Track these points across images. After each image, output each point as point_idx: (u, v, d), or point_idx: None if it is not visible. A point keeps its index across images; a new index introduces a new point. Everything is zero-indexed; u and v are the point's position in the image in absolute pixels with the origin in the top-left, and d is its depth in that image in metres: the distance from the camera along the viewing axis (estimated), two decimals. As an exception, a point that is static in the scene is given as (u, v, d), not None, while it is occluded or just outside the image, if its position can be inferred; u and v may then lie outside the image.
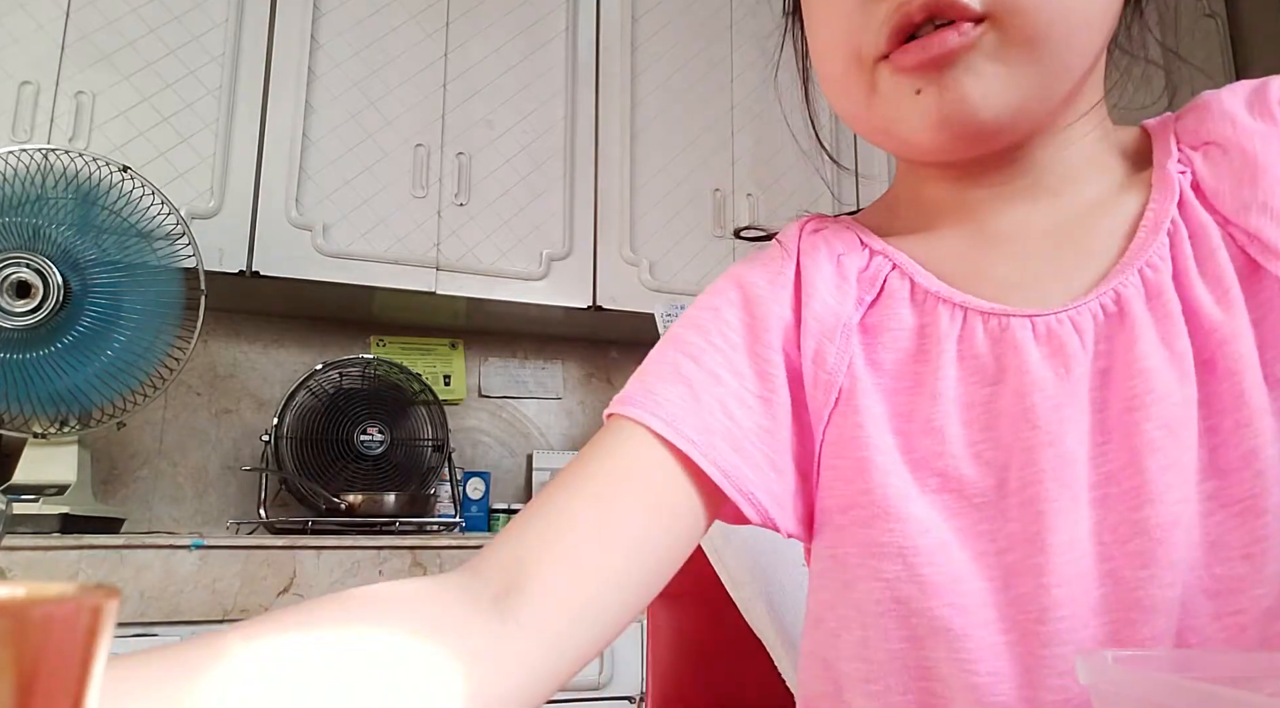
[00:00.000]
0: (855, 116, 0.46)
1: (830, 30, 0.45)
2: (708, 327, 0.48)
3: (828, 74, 0.46)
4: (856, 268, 0.48)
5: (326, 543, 1.41)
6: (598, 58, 2.02)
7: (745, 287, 0.48)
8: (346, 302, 1.91)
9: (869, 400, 0.44)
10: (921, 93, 0.41)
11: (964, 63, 0.40)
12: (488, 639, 0.37)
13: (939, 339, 0.44)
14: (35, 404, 1.45)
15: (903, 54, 0.41)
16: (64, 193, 1.48)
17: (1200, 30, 2.66)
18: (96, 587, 0.17)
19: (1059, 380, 0.41)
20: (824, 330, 0.46)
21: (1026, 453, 0.41)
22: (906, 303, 0.46)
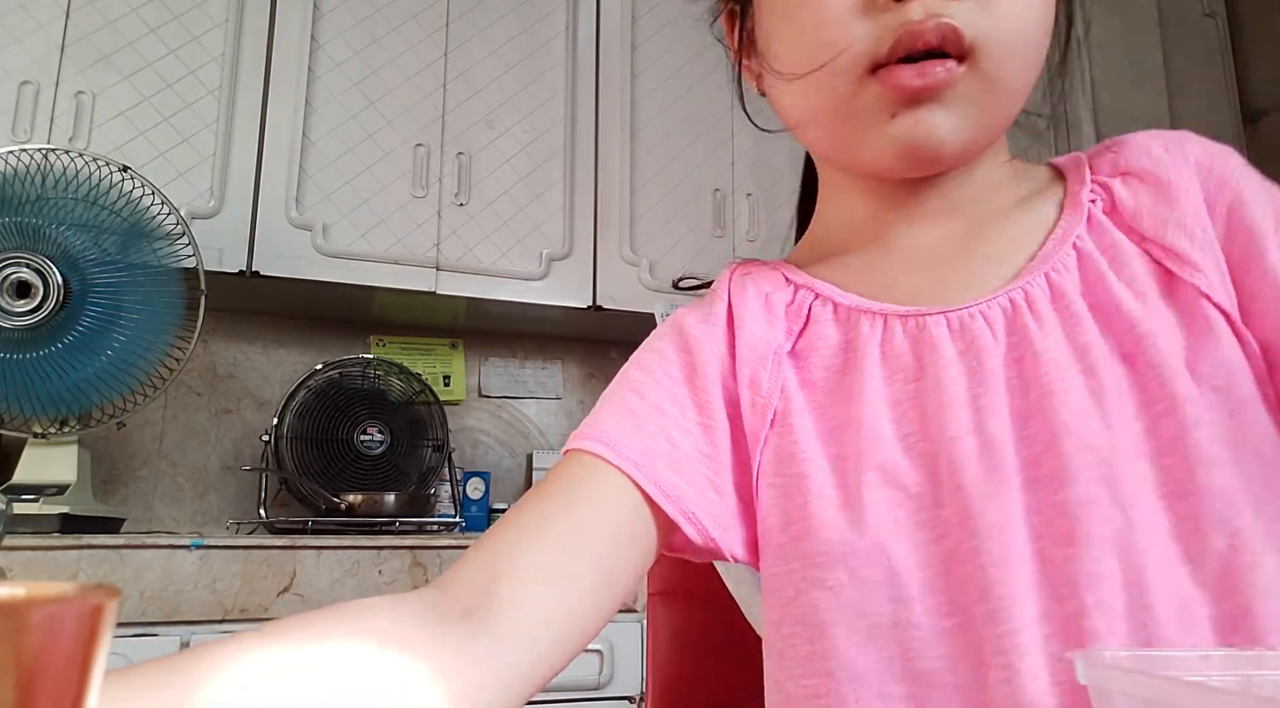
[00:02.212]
0: (828, 118, 0.48)
1: (819, 33, 0.46)
2: (651, 366, 0.51)
3: (801, 67, 0.47)
4: (783, 302, 0.51)
5: (326, 543, 1.41)
6: (598, 58, 2.02)
7: (683, 328, 0.52)
8: (346, 302, 1.91)
9: (802, 419, 0.47)
10: (896, 118, 0.45)
11: (943, 99, 0.44)
12: (459, 650, 0.39)
13: (862, 347, 0.48)
14: (35, 404, 1.45)
15: (898, 73, 0.44)
16: (64, 193, 1.48)
17: (1200, 30, 2.66)
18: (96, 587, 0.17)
19: (975, 372, 0.45)
20: (757, 359, 0.49)
21: (952, 442, 0.43)
22: (831, 323, 0.49)
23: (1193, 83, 2.60)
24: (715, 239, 2.04)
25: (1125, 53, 2.52)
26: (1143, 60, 2.54)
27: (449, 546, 1.48)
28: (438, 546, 1.47)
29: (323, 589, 1.38)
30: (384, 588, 1.42)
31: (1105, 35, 2.50)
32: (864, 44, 0.44)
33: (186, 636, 1.29)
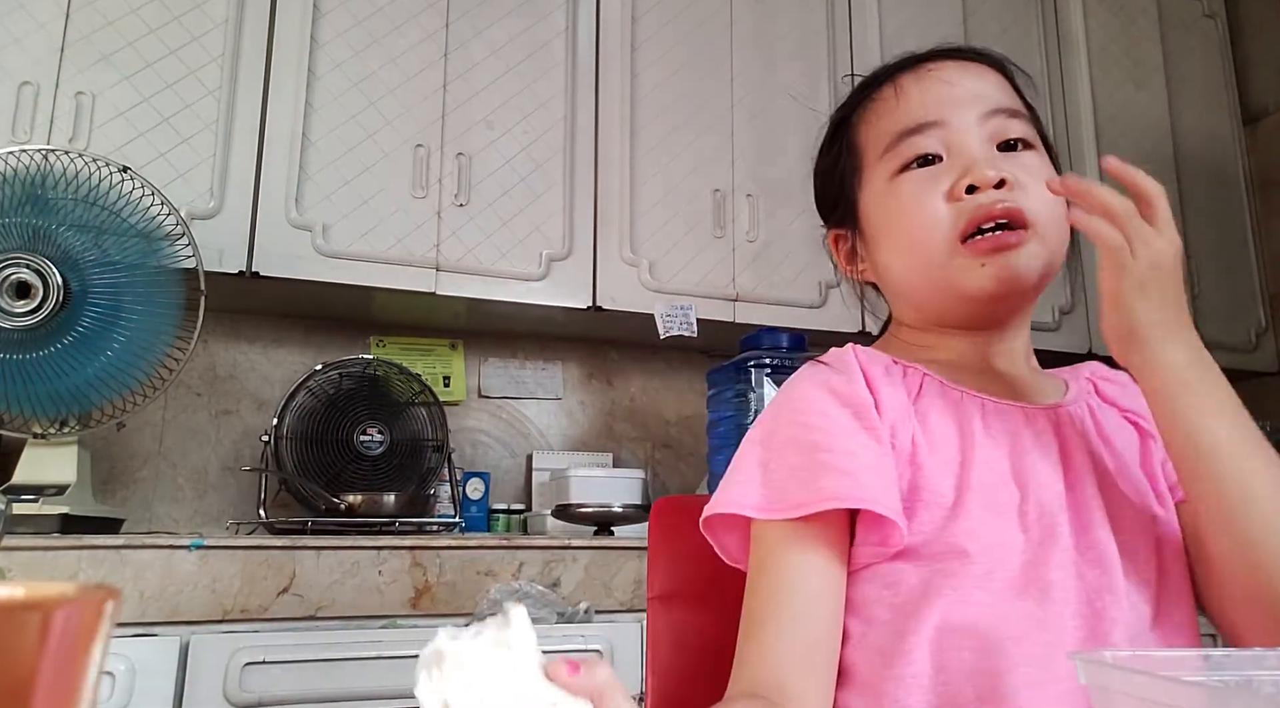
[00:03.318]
0: (927, 274, 0.70)
1: (924, 219, 0.69)
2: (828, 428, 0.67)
3: (918, 247, 0.70)
4: (899, 375, 0.71)
5: (326, 543, 1.41)
6: (598, 58, 2.02)
7: (831, 391, 0.69)
8: (346, 302, 1.91)
9: (929, 460, 0.66)
10: (986, 266, 0.67)
11: (1017, 251, 0.66)
12: None
13: (968, 415, 0.69)
14: (35, 404, 1.45)
15: (977, 242, 0.67)
16: (64, 193, 1.48)
17: (1200, 30, 2.66)
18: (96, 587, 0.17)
19: (1039, 446, 0.68)
20: (898, 414, 0.68)
21: (1036, 490, 0.65)
22: (939, 396, 0.70)
23: (1193, 83, 2.60)
24: (715, 239, 2.04)
25: (1125, 53, 2.52)
26: (1143, 60, 2.54)
27: (449, 546, 1.48)
28: (438, 546, 1.47)
29: (322, 589, 1.38)
30: (384, 588, 1.42)
31: (1105, 35, 2.50)
32: (951, 220, 0.68)
33: (186, 636, 1.29)
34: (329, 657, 1.31)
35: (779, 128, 2.13)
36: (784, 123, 2.14)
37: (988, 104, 0.70)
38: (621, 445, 2.25)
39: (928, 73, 0.73)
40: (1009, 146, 0.70)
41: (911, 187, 0.70)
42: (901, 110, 0.72)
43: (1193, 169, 2.52)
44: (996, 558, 0.62)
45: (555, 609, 1.45)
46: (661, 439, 2.29)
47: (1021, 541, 0.63)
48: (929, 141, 0.70)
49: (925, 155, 0.70)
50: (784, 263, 2.07)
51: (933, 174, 0.69)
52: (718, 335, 2.06)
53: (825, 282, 2.08)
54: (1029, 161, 0.69)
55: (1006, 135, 0.70)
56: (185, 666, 1.27)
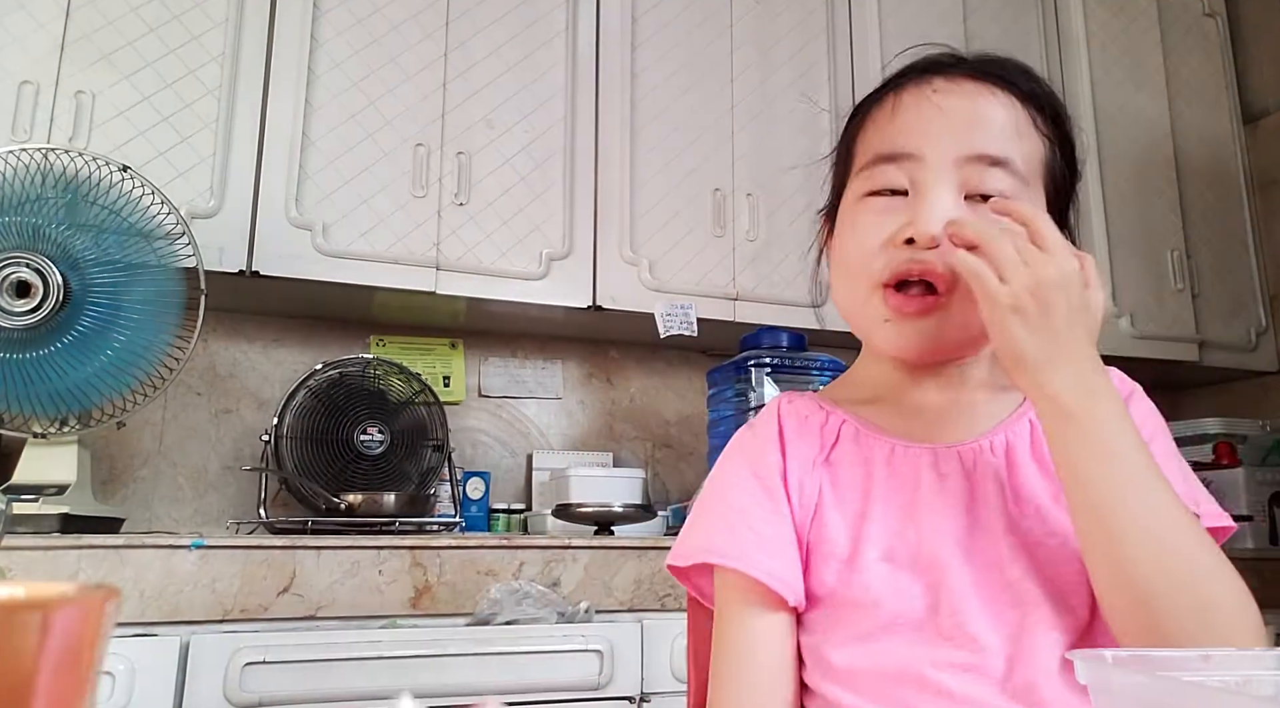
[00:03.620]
0: (851, 313, 0.71)
1: (858, 254, 0.69)
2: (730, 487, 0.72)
3: (848, 280, 0.71)
4: (818, 424, 0.73)
5: (326, 543, 1.41)
6: (598, 58, 2.02)
7: (744, 449, 0.74)
8: (346, 301, 1.91)
9: (831, 514, 0.68)
10: (888, 323, 0.67)
11: (918, 323, 0.66)
12: None
13: (875, 463, 0.69)
14: (35, 404, 1.45)
15: (895, 297, 0.66)
16: (64, 193, 1.48)
17: (1200, 30, 2.66)
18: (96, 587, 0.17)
19: (938, 487, 0.67)
20: (803, 469, 0.70)
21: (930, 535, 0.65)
22: (852, 442, 0.71)
23: (1193, 83, 2.60)
24: (715, 239, 2.04)
25: (1125, 53, 2.52)
26: (1143, 60, 2.54)
27: (449, 546, 1.48)
28: (438, 546, 1.47)
29: (322, 589, 1.38)
30: (384, 588, 1.42)
31: (1105, 35, 2.50)
32: (879, 267, 0.67)
33: (186, 636, 1.29)
34: (329, 657, 1.31)
35: (779, 128, 2.13)
36: (784, 123, 2.14)
37: (970, 147, 0.66)
38: (621, 445, 2.25)
39: (930, 91, 0.69)
40: (985, 198, 0.66)
41: (865, 218, 0.69)
42: (887, 130, 0.70)
43: (1193, 169, 2.52)
44: (896, 608, 0.63)
45: (555, 609, 1.45)
46: (661, 439, 2.29)
47: (919, 588, 0.63)
48: (898, 175, 0.68)
49: (893, 188, 0.68)
50: (784, 263, 2.07)
51: (889, 208, 0.67)
52: (718, 335, 2.06)
53: (825, 281, 2.08)
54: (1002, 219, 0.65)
55: (978, 188, 0.66)
56: (185, 666, 1.27)
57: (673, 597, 1.54)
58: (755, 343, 1.95)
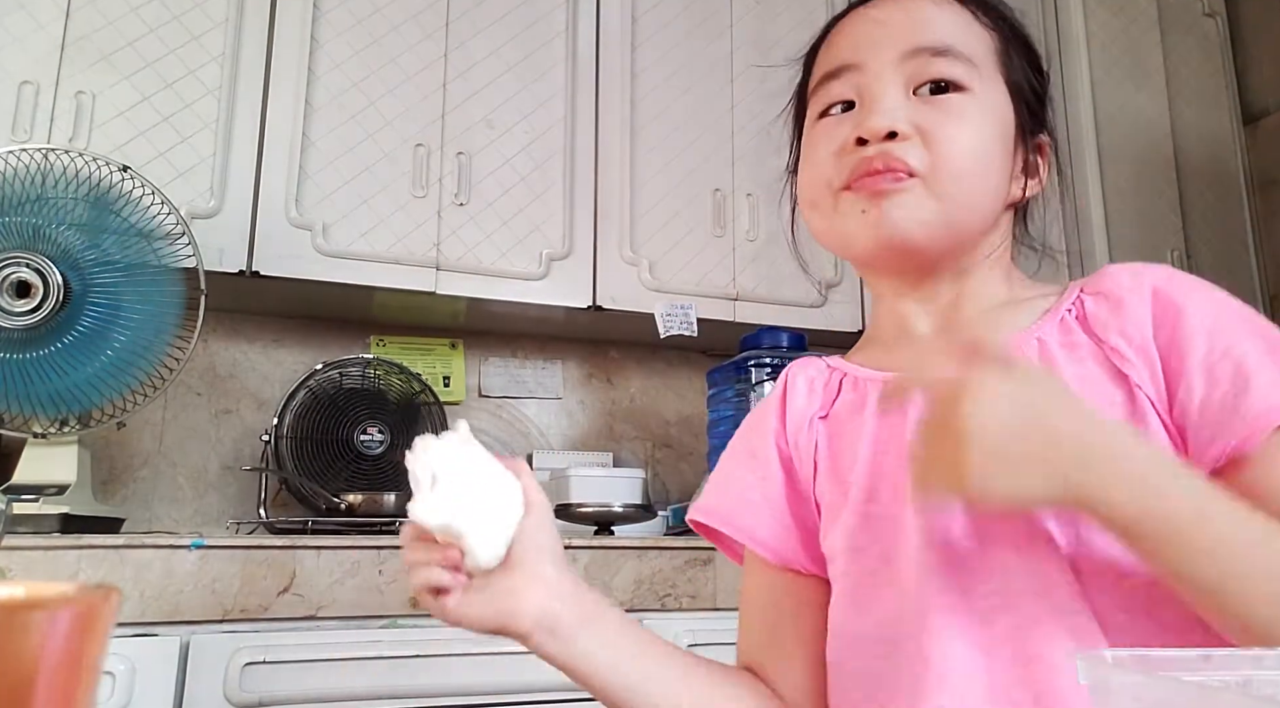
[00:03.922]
0: (821, 230, 0.68)
1: (814, 173, 0.67)
2: (728, 451, 0.74)
3: (810, 201, 0.68)
4: (822, 383, 0.72)
5: (326, 543, 1.41)
6: (598, 58, 2.02)
7: (749, 420, 0.75)
8: (346, 302, 1.91)
9: (828, 466, 0.67)
10: (866, 212, 0.62)
11: (895, 198, 0.61)
12: None
13: (868, 406, 0.66)
14: (35, 404, 1.45)
15: (861, 184, 0.62)
16: (64, 193, 1.48)
17: (1200, 30, 2.66)
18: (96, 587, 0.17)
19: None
20: (798, 428, 0.70)
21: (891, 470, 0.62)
22: (850, 391, 0.69)
23: (1193, 83, 2.60)
24: (715, 239, 2.04)
25: (1125, 53, 2.52)
26: (1143, 60, 2.54)
27: (449, 545, 1.48)
28: (438, 545, 1.47)
29: (322, 589, 1.38)
30: (384, 588, 1.42)
31: (1105, 35, 2.50)
32: (836, 173, 0.64)
33: (186, 636, 1.29)
34: (329, 657, 1.31)
35: (779, 128, 2.13)
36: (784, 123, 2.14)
37: (910, 42, 0.64)
38: (621, 445, 2.25)
39: (864, 11, 0.68)
40: (938, 89, 0.63)
41: (815, 136, 0.68)
42: (829, 52, 0.69)
43: (1193, 169, 2.52)
44: (887, 555, 0.60)
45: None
46: (661, 439, 2.29)
47: (914, 536, 0.59)
48: (842, 87, 0.66)
49: (841, 101, 0.66)
50: (784, 263, 2.06)
51: (839, 122, 0.66)
52: (718, 335, 2.05)
53: (825, 281, 2.08)
54: (953, 105, 0.63)
55: (924, 77, 0.63)
56: (185, 666, 1.27)
57: (673, 597, 1.54)
58: (755, 343, 1.95)
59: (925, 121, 0.62)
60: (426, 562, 0.57)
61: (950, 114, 0.62)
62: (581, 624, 0.59)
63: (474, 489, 0.55)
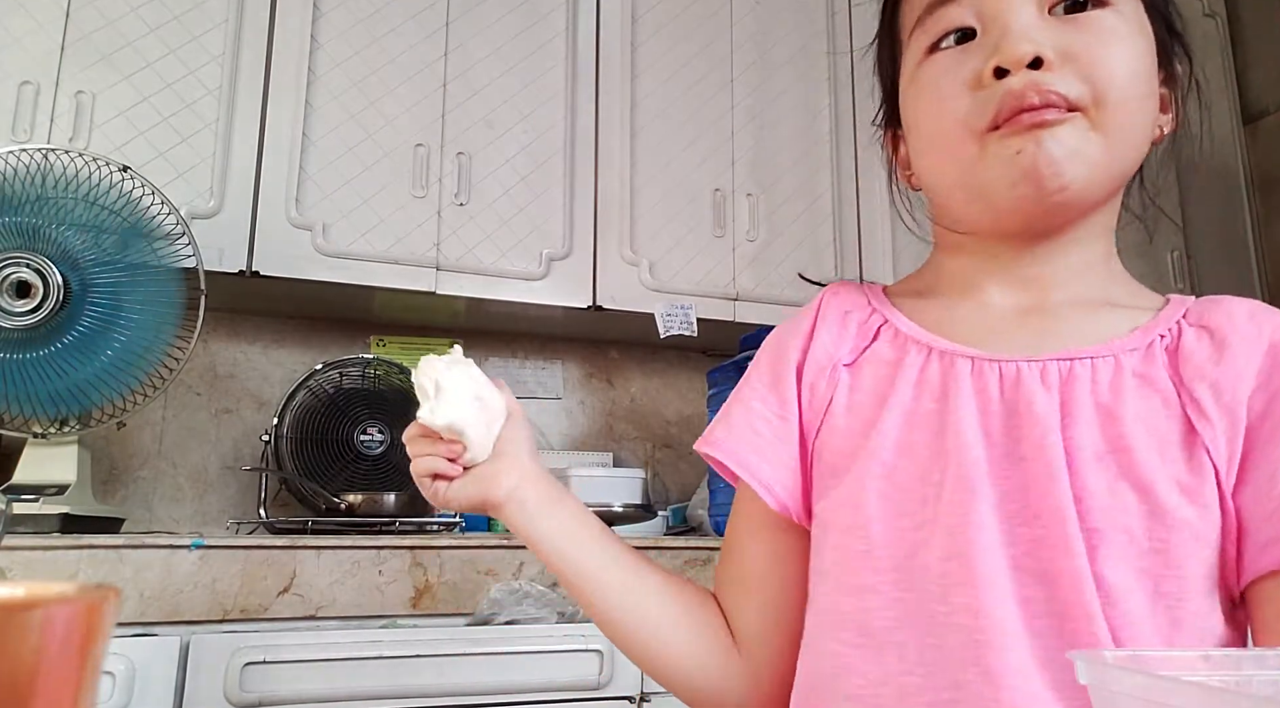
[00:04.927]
0: (957, 178, 0.58)
1: (944, 113, 0.56)
2: (750, 376, 0.68)
3: (940, 146, 0.58)
4: (858, 321, 0.64)
5: (326, 543, 1.41)
6: (598, 58, 2.02)
7: (775, 339, 0.68)
8: (346, 302, 1.91)
9: (840, 420, 0.60)
10: (1021, 153, 0.53)
11: (1058, 132, 0.52)
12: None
13: (905, 368, 0.59)
14: (35, 404, 1.45)
15: (1015, 121, 0.53)
16: (64, 193, 1.48)
17: (1200, 30, 2.66)
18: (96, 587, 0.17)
19: (984, 409, 0.55)
20: (819, 370, 0.62)
21: (944, 453, 0.55)
22: (889, 344, 0.61)
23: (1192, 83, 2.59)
24: (715, 239, 2.04)
25: (1125, 53, 2.52)
26: (1143, 60, 2.54)
27: (449, 546, 1.48)
28: (438, 546, 1.47)
29: (322, 589, 1.38)
30: (384, 588, 1.42)
31: (1105, 35, 2.50)
32: (977, 112, 0.54)
33: (186, 636, 1.29)
34: (329, 657, 1.31)
35: (779, 128, 2.13)
36: (784, 123, 2.14)
37: None
38: (621, 445, 2.25)
39: None
40: (1076, 6, 0.55)
41: (933, 72, 0.58)
42: None
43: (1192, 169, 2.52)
44: (873, 537, 0.55)
45: (555, 609, 1.45)
46: (661, 439, 2.29)
47: (910, 521, 0.54)
48: (959, 12, 0.56)
49: (957, 29, 0.57)
50: (784, 263, 2.07)
51: (962, 54, 0.56)
52: (718, 335, 2.06)
53: (825, 278, 2.08)
54: (1100, 23, 0.54)
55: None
56: (185, 666, 1.27)
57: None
58: (755, 343, 1.94)
59: (1072, 45, 0.53)
60: (431, 453, 0.65)
61: (1099, 34, 0.54)
62: (546, 502, 0.66)
63: (470, 397, 0.65)
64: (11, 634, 0.15)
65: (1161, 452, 0.52)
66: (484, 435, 0.66)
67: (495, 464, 0.66)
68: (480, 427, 0.65)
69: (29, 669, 0.16)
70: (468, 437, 0.64)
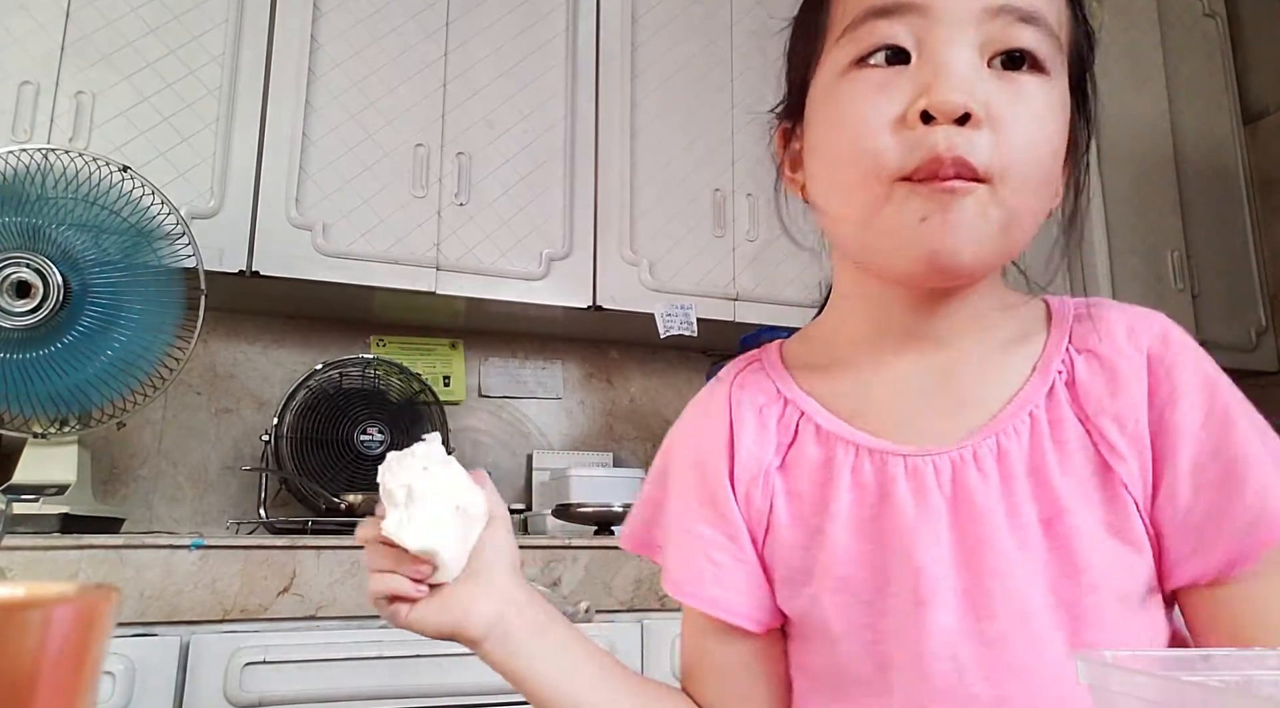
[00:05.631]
0: (857, 216, 0.54)
1: (856, 143, 0.52)
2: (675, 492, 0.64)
3: (846, 179, 0.53)
4: (775, 417, 0.60)
5: (326, 543, 1.41)
6: (598, 58, 2.02)
7: (690, 449, 0.64)
8: (346, 302, 1.91)
9: (784, 533, 0.58)
10: (926, 221, 0.50)
11: (963, 203, 0.49)
12: None
13: (837, 469, 0.57)
14: (35, 404, 1.45)
15: (927, 182, 0.49)
16: (64, 193, 1.48)
17: (1200, 30, 2.66)
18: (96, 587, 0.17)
19: (921, 510, 0.53)
20: (750, 478, 0.59)
21: (898, 562, 0.53)
22: (813, 442, 0.58)
23: (1193, 83, 2.60)
24: (715, 239, 2.04)
25: (1125, 53, 2.52)
26: (1143, 60, 2.54)
27: (449, 546, 1.48)
28: (438, 546, 1.47)
29: (322, 589, 1.38)
30: (384, 588, 1.42)
31: (1105, 35, 2.50)
32: (894, 156, 0.50)
33: (187, 636, 1.29)
34: (329, 657, 1.31)
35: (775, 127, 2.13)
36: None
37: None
38: (621, 445, 2.25)
39: None
40: (1013, 63, 0.51)
41: (857, 91, 0.53)
42: None
43: (1193, 169, 2.52)
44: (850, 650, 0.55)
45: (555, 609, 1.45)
46: (661, 439, 2.28)
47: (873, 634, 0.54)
48: (898, 29, 0.51)
49: (889, 46, 0.52)
50: (784, 263, 2.07)
51: (888, 80, 0.51)
52: (718, 335, 2.06)
53: (825, 281, 2.08)
54: (1030, 92, 0.51)
55: (1004, 44, 0.51)
56: (185, 666, 1.27)
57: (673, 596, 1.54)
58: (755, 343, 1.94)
59: (1000, 107, 0.50)
60: (393, 571, 0.56)
61: (1028, 104, 0.51)
62: (532, 633, 0.58)
63: (446, 506, 0.56)
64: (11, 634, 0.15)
65: (1087, 499, 0.52)
66: (459, 553, 0.57)
67: (469, 587, 0.57)
68: (456, 542, 0.56)
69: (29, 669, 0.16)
70: (441, 559, 0.55)
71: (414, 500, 0.54)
